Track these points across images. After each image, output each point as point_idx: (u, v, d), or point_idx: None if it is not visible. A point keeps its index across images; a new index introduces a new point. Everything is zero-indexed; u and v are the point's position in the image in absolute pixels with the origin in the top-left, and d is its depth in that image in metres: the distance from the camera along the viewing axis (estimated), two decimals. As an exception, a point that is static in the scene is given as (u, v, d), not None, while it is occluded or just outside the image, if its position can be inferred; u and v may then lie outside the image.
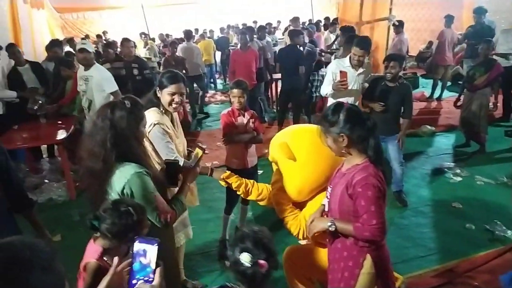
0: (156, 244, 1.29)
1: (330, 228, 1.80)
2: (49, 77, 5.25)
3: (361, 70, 3.81)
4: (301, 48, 5.87)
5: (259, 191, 2.49)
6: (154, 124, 2.26)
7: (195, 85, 7.51)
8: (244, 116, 3.08)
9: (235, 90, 3.03)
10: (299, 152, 2.19)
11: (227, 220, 3.33)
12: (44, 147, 5.36)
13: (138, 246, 1.29)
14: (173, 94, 2.31)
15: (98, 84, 4.14)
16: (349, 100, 3.71)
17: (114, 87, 4.22)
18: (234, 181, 2.46)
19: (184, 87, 2.40)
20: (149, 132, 2.23)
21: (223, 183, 2.50)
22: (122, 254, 1.49)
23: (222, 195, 3.50)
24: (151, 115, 2.28)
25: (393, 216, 3.64)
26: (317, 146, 2.05)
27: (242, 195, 2.53)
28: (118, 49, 6.79)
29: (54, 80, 5.18)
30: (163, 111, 2.39)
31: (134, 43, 6.13)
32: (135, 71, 5.47)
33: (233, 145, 3.09)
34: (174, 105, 2.35)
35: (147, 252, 1.28)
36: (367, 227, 1.70)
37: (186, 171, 2.07)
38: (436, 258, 3.15)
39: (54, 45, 5.66)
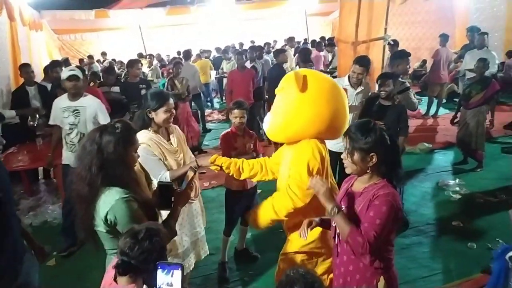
0: (180, 268, 1.31)
1: (331, 212, 1.70)
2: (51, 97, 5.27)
3: (359, 89, 3.84)
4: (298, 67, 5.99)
5: (250, 166, 2.45)
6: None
7: (193, 104, 7.54)
8: (243, 137, 3.07)
9: (236, 111, 3.02)
10: (312, 87, 2.13)
11: (227, 242, 3.28)
12: (40, 168, 5.31)
13: (161, 273, 1.32)
14: (168, 111, 2.43)
15: (93, 116, 3.60)
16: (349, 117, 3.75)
17: (108, 118, 3.72)
18: (224, 161, 2.41)
19: (173, 102, 2.50)
20: None
21: (214, 168, 2.44)
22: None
23: (221, 215, 3.47)
24: (139, 137, 2.31)
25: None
26: (331, 93, 2.15)
27: (234, 175, 2.45)
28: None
29: (52, 100, 5.18)
30: (156, 130, 2.47)
31: (141, 64, 6.17)
32: (143, 92, 5.37)
33: (232, 166, 3.06)
34: (170, 121, 2.48)
35: (171, 278, 1.31)
36: (361, 233, 1.64)
37: (177, 194, 1.98)
38: (439, 278, 3.10)
39: (55, 65, 5.68)
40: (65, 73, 3.66)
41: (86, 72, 6.08)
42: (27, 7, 8.44)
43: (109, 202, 1.67)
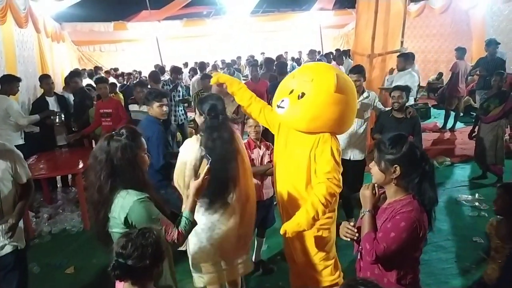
0: None
1: (362, 212, 1.81)
2: (69, 107, 5.43)
3: (362, 97, 3.79)
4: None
5: (250, 96, 2.70)
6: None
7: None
8: (260, 148, 3.09)
9: (250, 120, 3.05)
10: (343, 87, 2.24)
11: (261, 242, 3.38)
12: (58, 177, 5.40)
13: None
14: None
15: (9, 168, 2.45)
16: (357, 121, 3.67)
17: (28, 170, 2.63)
18: (227, 79, 2.74)
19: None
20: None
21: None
22: None
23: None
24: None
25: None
26: (354, 94, 2.35)
27: (235, 94, 2.71)
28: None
29: (75, 109, 5.32)
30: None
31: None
32: None
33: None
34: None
35: None
36: (373, 241, 1.66)
37: (193, 184, 1.90)
38: (459, 295, 3.04)
39: (74, 75, 5.84)
40: None
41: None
42: (50, 20, 8.73)
43: (127, 204, 1.73)
